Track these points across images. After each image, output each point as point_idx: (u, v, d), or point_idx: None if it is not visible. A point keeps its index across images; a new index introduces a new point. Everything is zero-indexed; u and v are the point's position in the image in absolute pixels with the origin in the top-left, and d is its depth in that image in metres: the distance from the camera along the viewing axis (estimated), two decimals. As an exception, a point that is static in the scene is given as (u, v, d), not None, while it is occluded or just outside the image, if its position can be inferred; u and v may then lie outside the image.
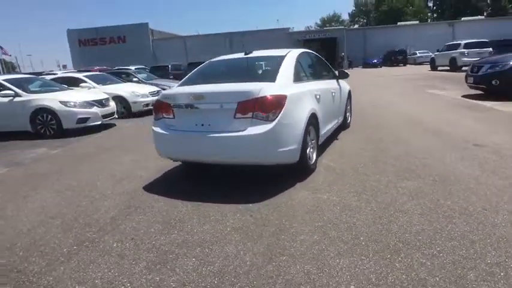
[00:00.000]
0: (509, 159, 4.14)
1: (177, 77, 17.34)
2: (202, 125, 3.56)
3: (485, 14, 59.11)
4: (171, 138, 3.74)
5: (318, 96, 4.30)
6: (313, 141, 4.09)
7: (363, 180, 3.74)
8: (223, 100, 3.47)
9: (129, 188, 4.02)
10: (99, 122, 8.16)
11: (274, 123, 3.34)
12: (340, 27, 52.30)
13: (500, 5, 60.74)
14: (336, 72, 5.92)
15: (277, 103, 3.39)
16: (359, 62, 37.78)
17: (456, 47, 20.36)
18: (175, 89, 4.01)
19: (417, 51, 34.54)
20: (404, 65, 33.92)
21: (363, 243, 2.50)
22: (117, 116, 9.12)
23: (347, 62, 36.40)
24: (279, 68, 3.87)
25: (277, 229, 2.79)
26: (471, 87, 9.93)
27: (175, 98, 3.74)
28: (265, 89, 3.39)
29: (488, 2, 63.28)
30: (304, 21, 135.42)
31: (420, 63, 33.91)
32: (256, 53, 4.48)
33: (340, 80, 5.97)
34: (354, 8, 77.03)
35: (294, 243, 2.56)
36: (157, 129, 3.85)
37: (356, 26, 65.59)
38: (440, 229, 2.61)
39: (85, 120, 7.89)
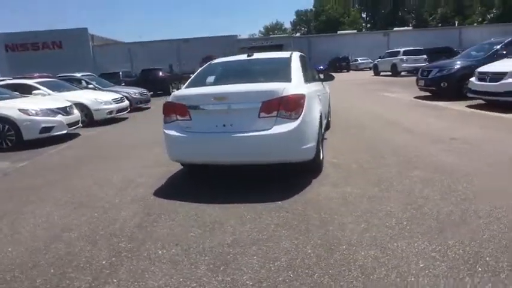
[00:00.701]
0: (482, 149, 4.72)
1: (129, 84, 16.63)
2: (224, 125, 3.52)
3: (410, 25, 65.63)
4: (188, 141, 3.62)
5: (320, 97, 4.49)
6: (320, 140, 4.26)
7: (373, 173, 3.98)
8: (247, 100, 3.48)
9: (137, 196, 3.81)
10: (64, 131, 7.52)
11: (298, 121, 3.44)
12: (287, 35, 54.41)
13: (422, 17, 67.84)
14: (321, 75, 6.20)
15: (299, 102, 3.49)
16: (305, 69, 39.40)
17: (396, 54, 22.32)
18: (188, 90, 3.92)
19: (358, 58, 37.10)
20: (348, 71, 36.19)
21: (408, 227, 2.68)
22: (81, 125, 8.50)
23: (294, 69, 37.77)
24: (290, 68, 3.98)
25: (321, 222, 2.87)
26: (421, 89, 11.00)
27: (192, 99, 3.65)
28: (287, 89, 3.48)
29: (413, 15, 70.37)
30: (248, 29, 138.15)
31: (361, 69, 36.50)
32: (258, 55, 4.55)
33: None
34: (295, 17, 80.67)
35: (345, 233, 2.66)
36: (171, 132, 3.71)
37: (298, 34, 68.52)
38: (466, 209, 2.90)
39: (49, 129, 7.22)
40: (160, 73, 20.21)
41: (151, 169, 4.77)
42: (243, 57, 4.58)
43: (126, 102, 11.02)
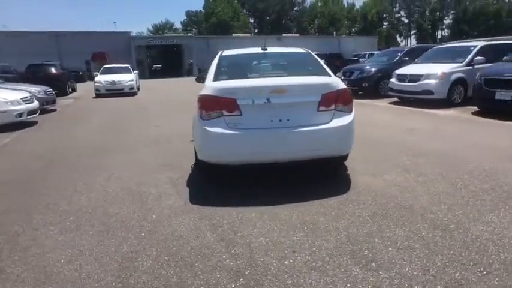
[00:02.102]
0: (443, 135, 5.65)
1: (10, 80, 13.67)
2: (280, 120, 3.29)
3: (293, 32, 72.13)
4: (240, 139, 3.25)
5: None
6: None
7: (390, 162, 4.30)
8: (307, 93, 3.35)
9: (166, 206, 3.26)
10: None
11: (352, 114, 3.48)
12: (188, 34, 53.24)
13: (302, 25, 75.28)
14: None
15: (351, 96, 3.54)
16: (207, 69, 39.30)
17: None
18: (232, 83, 3.52)
19: (256, 61, 38.83)
20: (247, 73, 37.56)
21: (477, 206, 3.03)
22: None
23: (197, 69, 37.24)
24: (320, 63, 3.99)
25: (406, 208, 2.99)
26: (343, 89, 12.33)
27: (245, 93, 3.30)
28: (340, 83, 3.48)
29: (294, 23, 77.42)
30: (135, 26, 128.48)
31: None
32: (272, 49, 4.40)
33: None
34: (186, 18, 79.49)
35: (436, 213, 2.84)
36: (216, 130, 3.27)
37: (189, 35, 67.67)
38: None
39: None
40: (54, 69, 17.26)
41: (147, 175, 4.12)
42: (258, 50, 4.34)
43: (36, 103, 9.08)
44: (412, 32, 76.37)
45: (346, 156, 3.84)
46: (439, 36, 73.18)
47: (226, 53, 4.31)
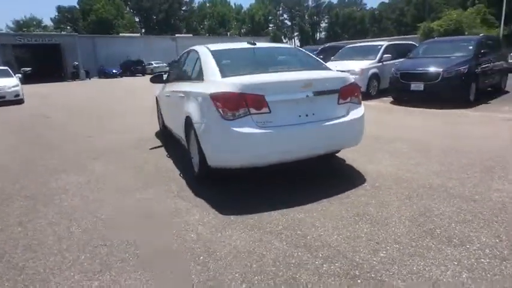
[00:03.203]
0: (384, 121, 6.36)
1: None
2: (307, 115, 3.18)
3: (184, 31, 70.86)
4: (271, 137, 3.01)
5: None
6: None
7: (373, 149, 4.63)
8: (329, 86, 3.30)
9: (195, 222, 2.85)
10: None
11: (363, 106, 3.60)
12: (72, 33, 46.58)
13: (192, 26, 74.64)
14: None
15: (359, 88, 3.66)
16: (94, 72, 35.48)
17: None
18: (257, 78, 3.20)
19: (153, 62, 36.80)
20: (143, 75, 35.27)
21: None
22: None
23: (83, 72, 33.19)
24: (315, 58, 4.02)
25: (420, 186, 3.26)
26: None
27: (274, 88, 3.06)
28: (349, 76, 3.55)
29: (183, 23, 76.06)
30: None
31: (156, 73, 36.40)
32: (264, 44, 4.23)
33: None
34: (58, 14, 70.09)
35: (463, 187, 3.18)
36: (245, 130, 2.96)
37: (63, 33, 59.84)
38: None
39: None
40: None
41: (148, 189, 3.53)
42: (245, 44, 4.09)
43: None
44: (295, 34, 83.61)
45: None
46: (318, 38, 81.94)
47: (214, 47, 3.96)
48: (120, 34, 46.79)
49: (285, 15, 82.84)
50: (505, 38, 24.20)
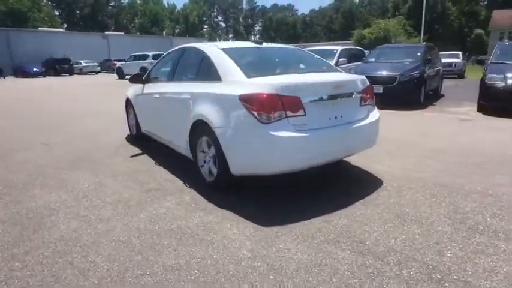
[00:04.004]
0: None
1: None
2: (336, 117, 3.11)
3: (112, 29, 66.45)
4: (308, 141, 2.87)
5: None
6: None
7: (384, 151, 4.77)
8: (355, 88, 3.27)
9: (234, 237, 2.62)
10: None
11: (376, 108, 3.65)
12: None
13: (122, 23, 70.51)
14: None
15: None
16: (9, 70, 31.29)
17: (145, 57, 22.61)
18: (290, 78, 3.02)
19: (81, 61, 33.72)
20: (71, 75, 32.17)
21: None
22: None
23: (-5, 70, 29.04)
24: (324, 60, 3.98)
25: (437, 184, 3.43)
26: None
27: (309, 90, 2.92)
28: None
29: (112, 20, 71.43)
30: None
31: (86, 73, 33.52)
32: (272, 45, 4.07)
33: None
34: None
35: (469, 185, 3.40)
36: (285, 134, 2.78)
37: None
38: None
39: None
40: None
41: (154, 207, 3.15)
42: (253, 44, 3.88)
43: None
44: (230, 36, 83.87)
45: None
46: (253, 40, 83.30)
47: (223, 45, 3.68)
48: (39, 28, 41.97)
49: (220, 17, 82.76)
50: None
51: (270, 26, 78.49)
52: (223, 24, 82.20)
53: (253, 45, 3.91)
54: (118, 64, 25.12)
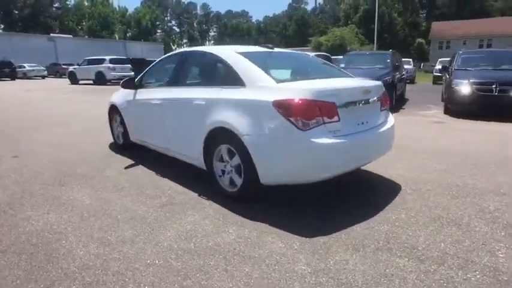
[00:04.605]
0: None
1: None
2: (363, 123, 3.07)
3: (57, 31, 62.17)
4: (344, 147, 2.79)
5: None
6: None
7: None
8: (378, 93, 3.26)
9: (283, 252, 2.48)
10: None
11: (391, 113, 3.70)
12: None
13: (68, 26, 66.28)
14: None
15: None
16: None
17: (101, 61, 21.34)
18: (327, 84, 2.94)
19: (25, 64, 30.99)
20: (13, 79, 29.42)
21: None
22: None
23: None
24: (335, 66, 3.96)
25: (454, 185, 3.55)
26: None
27: (343, 95, 2.84)
28: (381, 83, 3.61)
29: (56, 22, 66.87)
30: None
31: (30, 78, 30.87)
32: (283, 50, 3.94)
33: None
34: None
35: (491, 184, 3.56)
36: (324, 140, 2.67)
37: None
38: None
39: None
40: None
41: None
42: (265, 49, 3.75)
43: None
44: (184, 41, 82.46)
45: None
46: (208, 46, 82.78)
47: (239, 49, 3.51)
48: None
49: (174, 22, 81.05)
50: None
51: (225, 31, 78.53)
52: (178, 29, 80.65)
53: (266, 49, 3.78)
54: (70, 68, 23.46)
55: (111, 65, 20.99)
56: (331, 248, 2.44)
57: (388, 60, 9.83)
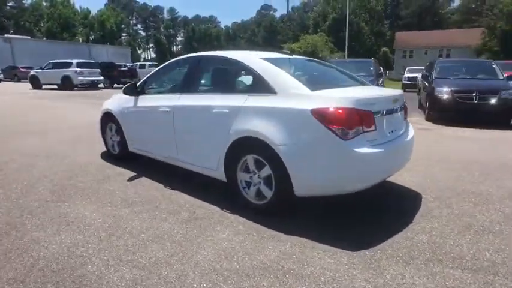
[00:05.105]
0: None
1: None
2: (392, 131, 3.06)
3: (11, 32, 58.36)
4: (382, 157, 2.74)
5: None
6: None
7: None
8: (401, 102, 3.27)
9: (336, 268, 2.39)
10: None
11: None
12: None
13: (24, 26, 62.52)
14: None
15: None
16: None
17: (68, 65, 20.17)
18: (364, 93, 2.94)
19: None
20: (-35, 83, 27.19)
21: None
22: None
23: None
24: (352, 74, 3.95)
25: (468, 191, 3.64)
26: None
27: (379, 104, 2.81)
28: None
29: (11, 22, 62.89)
30: None
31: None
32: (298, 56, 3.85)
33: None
34: None
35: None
36: (364, 150, 2.61)
37: None
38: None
39: None
40: None
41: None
42: (284, 55, 3.65)
43: None
44: (150, 45, 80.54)
45: None
46: (175, 51, 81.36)
47: (263, 55, 3.38)
48: None
49: (140, 26, 78.94)
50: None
51: (193, 36, 77.69)
52: (144, 33, 78.63)
53: (285, 56, 3.69)
54: (32, 72, 21.97)
55: (78, 69, 19.89)
56: (381, 261, 2.37)
57: (371, 68, 10.11)
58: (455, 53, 37.56)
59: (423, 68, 20.96)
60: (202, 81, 3.79)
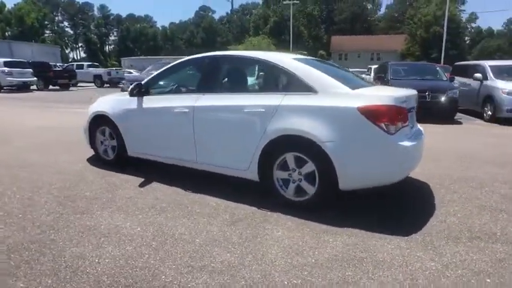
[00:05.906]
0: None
1: None
2: (412, 127, 3.35)
3: None
4: (415, 150, 3.03)
5: None
6: None
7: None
8: (417, 101, 3.57)
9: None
10: None
11: None
12: None
13: None
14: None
15: None
16: None
17: (-7, 65, 17.83)
18: (398, 91, 3.10)
19: None
20: None
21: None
22: None
23: None
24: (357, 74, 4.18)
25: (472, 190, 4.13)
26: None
27: (409, 101, 3.06)
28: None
29: None
30: None
31: None
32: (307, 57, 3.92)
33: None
34: None
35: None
36: (406, 143, 2.89)
37: None
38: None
39: None
40: None
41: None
42: (302, 56, 3.73)
43: None
44: (79, 44, 74.55)
45: None
46: (108, 51, 76.40)
47: (291, 56, 3.44)
48: None
49: (66, 23, 72.55)
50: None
51: (127, 36, 73.77)
52: (71, 31, 72.43)
53: (303, 56, 3.81)
54: None
55: (6, 69, 17.71)
56: (434, 242, 2.61)
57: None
58: (385, 57, 41.27)
59: (363, 70, 22.76)
60: (226, 81, 3.73)
